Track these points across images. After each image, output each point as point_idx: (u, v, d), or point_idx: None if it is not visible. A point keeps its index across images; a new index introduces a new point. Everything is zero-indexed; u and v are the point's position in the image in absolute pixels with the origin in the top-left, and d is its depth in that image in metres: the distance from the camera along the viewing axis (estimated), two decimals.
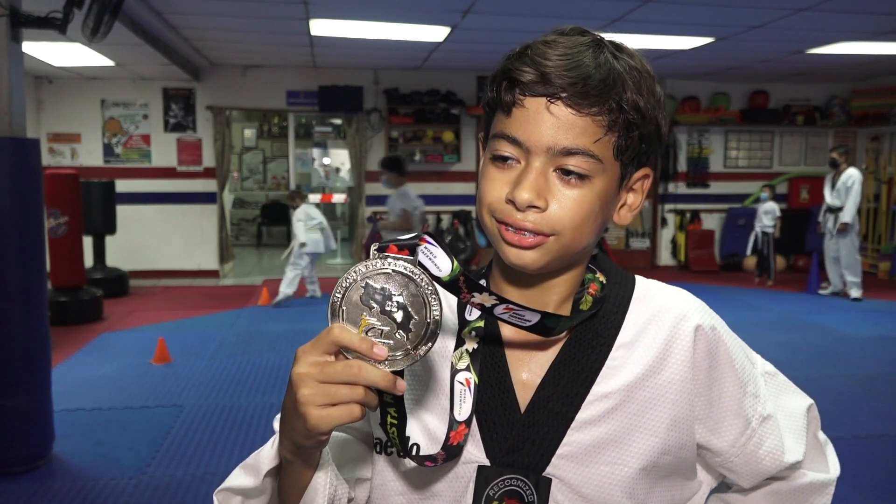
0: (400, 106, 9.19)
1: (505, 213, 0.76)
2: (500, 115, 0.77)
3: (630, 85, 0.75)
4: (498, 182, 0.77)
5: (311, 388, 0.65)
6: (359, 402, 0.65)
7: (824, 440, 0.95)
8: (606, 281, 0.87)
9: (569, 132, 0.73)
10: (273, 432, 0.81)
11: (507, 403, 0.81)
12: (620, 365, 0.82)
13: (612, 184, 0.78)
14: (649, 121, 0.77)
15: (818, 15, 5.77)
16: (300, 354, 0.67)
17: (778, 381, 0.92)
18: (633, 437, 0.80)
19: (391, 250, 0.67)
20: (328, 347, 0.66)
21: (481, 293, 0.71)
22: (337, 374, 0.65)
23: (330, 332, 0.65)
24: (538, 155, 0.75)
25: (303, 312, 7.11)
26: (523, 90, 0.75)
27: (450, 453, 0.78)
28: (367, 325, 0.65)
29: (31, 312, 3.50)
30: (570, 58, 0.73)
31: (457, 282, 0.70)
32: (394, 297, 0.65)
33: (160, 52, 6.83)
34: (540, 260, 0.77)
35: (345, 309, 0.65)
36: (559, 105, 0.73)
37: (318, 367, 0.65)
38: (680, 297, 0.87)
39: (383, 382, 0.65)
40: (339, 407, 0.65)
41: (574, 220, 0.76)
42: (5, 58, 3.43)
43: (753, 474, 0.88)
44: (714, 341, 0.84)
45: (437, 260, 0.69)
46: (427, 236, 0.70)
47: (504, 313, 0.74)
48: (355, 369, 0.64)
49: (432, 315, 0.66)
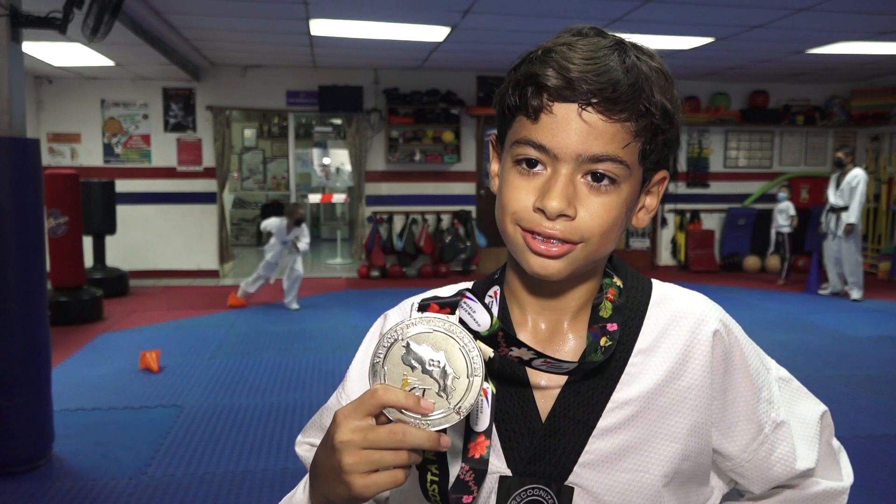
0: (400, 106, 9.19)
1: (533, 221, 0.74)
2: (525, 121, 0.75)
3: (657, 88, 0.74)
4: (523, 190, 0.75)
5: (356, 457, 0.64)
6: (402, 466, 0.64)
7: (838, 448, 0.94)
8: (623, 285, 0.86)
9: (599, 139, 0.72)
10: (299, 466, 0.82)
11: (528, 413, 0.80)
12: (640, 371, 0.81)
13: (635, 188, 0.78)
14: (674, 124, 0.76)
15: (818, 15, 5.77)
16: (341, 419, 0.65)
17: (792, 388, 0.91)
18: (654, 443, 0.80)
19: (432, 308, 0.67)
20: (372, 409, 0.64)
21: (520, 348, 0.71)
22: (381, 440, 0.63)
23: (374, 393, 0.64)
24: (566, 162, 0.73)
25: (303, 313, 7.11)
26: (551, 96, 0.73)
27: (474, 468, 0.75)
28: (408, 384, 0.65)
29: (31, 312, 3.50)
30: (596, 62, 0.72)
31: (495, 336, 0.70)
32: (435, 357, 0.65)
33: (160, 52, 6.83)
34: (565, 270, 0.76)
35: (386, 370, 0.65)
36: (590, 111, 0.72)
37: (361, 433, 0.64)
38: (697, 302, 0.86)
39: (428, 443, 0.64)
40: (383, 473, 0.64)
41: (602, 227, 0.75)
42: (5, 58, 3.43)
43: (764, 480, 0.87)
44: (730, 346, 0.84)
45: (477, 315, 0.69)
46: (468, 292, 0.69)
47: (542, 365, 0.74)
48: (400, 435, 0.63)
49: (476, 372, 0.65)
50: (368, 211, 9.37)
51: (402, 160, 9.35)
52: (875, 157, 10.01)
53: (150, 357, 5.15)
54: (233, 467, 3.53)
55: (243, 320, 6.80)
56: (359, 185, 9.38)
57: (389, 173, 9.42)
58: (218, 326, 6.51)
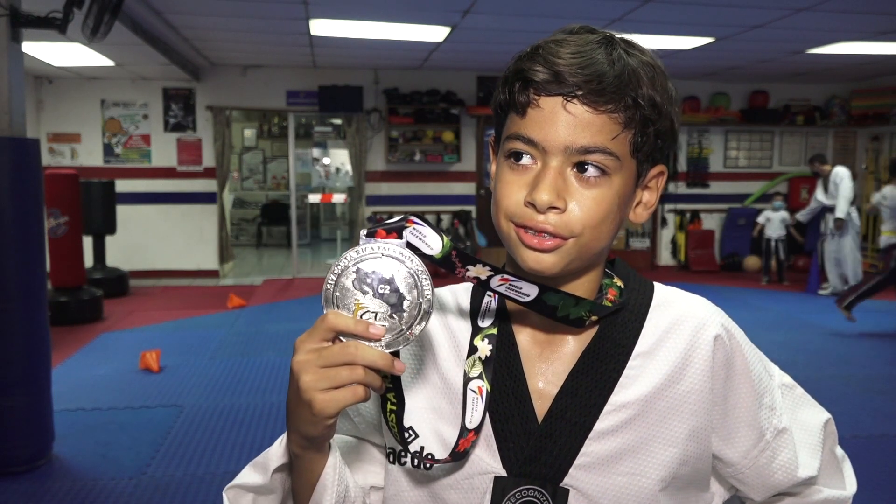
0: (400, 106, 9.19)
1: (525, 216, 0.75)
2: (514, 117, 0.76)
3: (645, 80, 0.74)
4: (514, 185, 0.76)
5: (312, 374, 0.66)
6: (361, 382, 0.66)
7: (842, 456, 0.93)
8: (624, 286, 0.85)
9: (585, 130, 0.72)
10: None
11: (524, 413, 0.79)
12: (639, 374, 0.80)
13: (629, 182, 0.77)
14: (665, 116, 0.76)
15: (818, 15, 5.77)
16: (298, 344, 0.68)
17: (795, 394, 0.91)
18: (652, 447, 0.79)
19: (380, 235, 0.67)
20: (325, 334, 0.66)
21: (475, 265, 0.71)
22: (335, 356, 0.65)
23: (325, 318, 0.66)
24: (555, 155, 0.73)
25: (303, 313, 7.11)
26: (538, 90, 0.73)
27: (454, 458, 0.78)
28: (360, 308, 0.66)
29: (31, 312, 3.50)
30: (583, 55, 0.72)
31: (449, 257, 0.70)
32: (385, 280, 0.66)
33: (160, 52, 6.83)
34: (559, 263, 0.75)
35: (338, 295, 0.67)
36: (575, 104, 0.72)
37: (316, 353, 0.66)
38: (699, 306, 0.86)
39: (381, 362, 0.65)
40: (343, 389, 0.66)
41: (594, 219, 0.74)
42: (5, 58, 3.43)
43: (765, 487, 0.87)
44: (732, 351, 0.83)
45: (427, 239, 0.69)
46: (414, 217, 0.70)
47: (500, 285, 0.73)
48: (352, 349, 0.65)
49: (424, 295, 0.67)
50: (368, 211, 9.37)
51: (402, 160, 9.35)
52: (875, 157, 10.01)
53: (150, 357, 5.15)
54: (233, 467, 3.53)
55: (243, 320, 6.80)
56: (359, 185, 9.38)
57: (389, 173, 9.42)
58: (218, 326, 6.51)
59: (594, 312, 0.80)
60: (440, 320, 0.87)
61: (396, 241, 0.67)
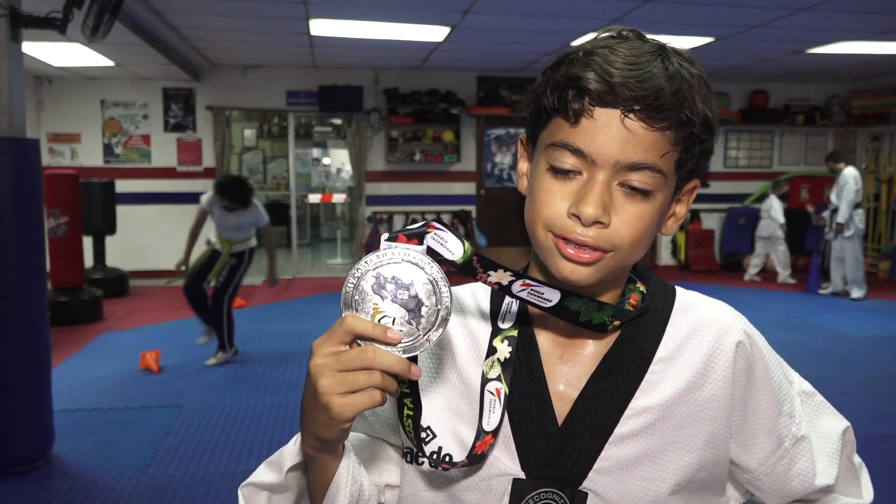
0: (400, 106, 9.18)
1: (566, 228, 0.73)
2: (563, 123, 0.74)
3: (699, 96, 0.73)
4: (557, 195, 0.74)
5: (330, 378, 0.65)
6: (378, 386, 0.65)
7: (859, 464, 0.93)
8: (646, 290, 0.85)
9: (638, 147, 0.71)
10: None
11: (544, 415, 0.79)
12: (660, 379, 0.80)
13: (669, 197, 0.76)
14: (714, 134, 0.75)
15: (818, 15, 5.77)
16: (315, 347, 0.67)
17: (815, 402, 0.91)
18: (670, 452, 0.79)
19: (401, 240, 0.67)
20: (343, 337, 0.66)
21: (496, 270, 0.71)
22: (353, 360, 0.65)
23: (343, 321, 0.66)
24: (604, 168, 0.72)
25: (303, 312, 7.11)
26: (593, 100, 0.71)
27: (471, 461, 0.77)
28: (378, 313, 0.66)
29: (31, 312, 3.49)
30: (639, 67, 0.71)
31: (471, 262, 0.70)
32: (404, 285, 0.66)
33: (160, 52, 6.83)
34: (595, 276, 0.75)
35: (357, 299, 0.67)
36: (631, 118, 0.71)
37: (333, 356, 0.66)
38: (722, 311, 0.85)
39: (399, 366, 0.65)
40: (360, 393, 0.65)
41: (635, 235, 0.74)
42: (5, 58, 3.43)
43: (781, 494, 0.86)
44: (754, 358, 0.83)
45: (449, 244, 0.69)
46: (435, 223, 0.69)
47: (522, 290, 0.73)
48: (370, 353, 0.65)
49: (443, 301, 0.67)
50: (368, 211, 9.37)
51: (402, 160, 9.34)
52: (875, 156, 10.01)
53: (150, 357, 5.15)
54: (233, 467, 3.53)
55: (243, 320, 6.79)
56: (359, 185, 9.38)
57: (389, 173, 9.41)
58: None
59: (617, 317, 0.79)
60: (459, 320, 0.86)
61: (417, 246, 0.67)
